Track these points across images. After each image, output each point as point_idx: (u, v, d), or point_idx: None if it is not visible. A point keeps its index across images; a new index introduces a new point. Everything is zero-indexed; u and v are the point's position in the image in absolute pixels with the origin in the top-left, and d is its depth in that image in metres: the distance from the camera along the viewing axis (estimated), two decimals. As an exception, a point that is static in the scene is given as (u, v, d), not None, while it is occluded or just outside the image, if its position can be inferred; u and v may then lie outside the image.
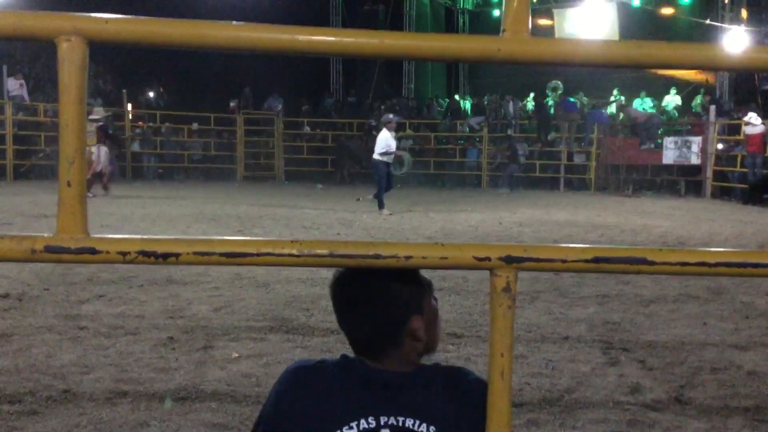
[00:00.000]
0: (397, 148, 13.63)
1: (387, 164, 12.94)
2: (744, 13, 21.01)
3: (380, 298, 1.34)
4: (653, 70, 17.97)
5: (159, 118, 21.82)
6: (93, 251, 0.91)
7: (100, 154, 14.85)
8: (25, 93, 19.52)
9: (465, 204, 14.99)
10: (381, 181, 12.81)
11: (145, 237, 0.93)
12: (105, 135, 14.94)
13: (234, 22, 0.93)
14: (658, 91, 21.43)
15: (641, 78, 21.21)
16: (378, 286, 1.33)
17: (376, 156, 12.95)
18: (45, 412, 3.44)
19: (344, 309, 1.39)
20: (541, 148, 20.39)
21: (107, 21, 0.90)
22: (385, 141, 12.84)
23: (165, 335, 4.74)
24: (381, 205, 12.72)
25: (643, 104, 20.84)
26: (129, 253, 0.92)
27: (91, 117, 14.70)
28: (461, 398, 1.32)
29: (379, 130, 21.80)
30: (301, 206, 13.83)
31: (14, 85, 19.30)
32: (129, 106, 21.18)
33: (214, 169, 21.97)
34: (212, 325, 5.04)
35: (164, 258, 0.93)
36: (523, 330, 5.02)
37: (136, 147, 21.16)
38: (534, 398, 3.80)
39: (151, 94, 23.63)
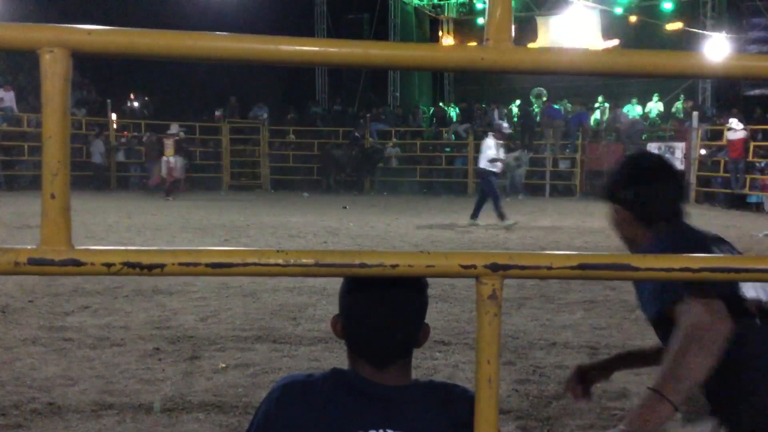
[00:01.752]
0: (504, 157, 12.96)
1: (495, 174, 12.19)
2: (725, 21, 21.28)
3: (403, 306, 1.32)
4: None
5: (144, 128, 21.70)
6: (77, 263, 0.91)
7: (177, 163, 17.42)
8: (14, 104, 19.38)
9: (451, 211, 15.00)
10: (495, 191, 12.14)
11: (130, 248, 0.93)
12: (179, 147, 17.41)
13: (217, 33, 0.93)
14: (641, 98, 21.63)
15: (626, 85, 21.39)
16: (399, 293, 1.31)
17: (483, 165, 12.12)
18: (30, 426, 3.41)
19: (363, 317, 1.32)
20: (527, 153, 20.47)
21: (90, 32, 0.90)
22: (493, 148, 12.07)
23: (151, 346, 4.70)
24: (503, 217, 11.90)
25: (632, 110, 21.06)
26: (114, 264, 0.92)
27: (169, 132, 17.53)
28: (455, 415, 1.30)
29: (364, 138, 21.99)
30: (288, 215, 13.81)
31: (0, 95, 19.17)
32: (113, 116, 21.07)
33: (199, 178, 21.88)
34: (199, 335, 5.01)
35: (149, 269, 0.92)
36: (511, 336, 5.03)
37: (121, 157, 21.08)
38: (522, 405, 3.80)
39: (136, 104, 23.52)
